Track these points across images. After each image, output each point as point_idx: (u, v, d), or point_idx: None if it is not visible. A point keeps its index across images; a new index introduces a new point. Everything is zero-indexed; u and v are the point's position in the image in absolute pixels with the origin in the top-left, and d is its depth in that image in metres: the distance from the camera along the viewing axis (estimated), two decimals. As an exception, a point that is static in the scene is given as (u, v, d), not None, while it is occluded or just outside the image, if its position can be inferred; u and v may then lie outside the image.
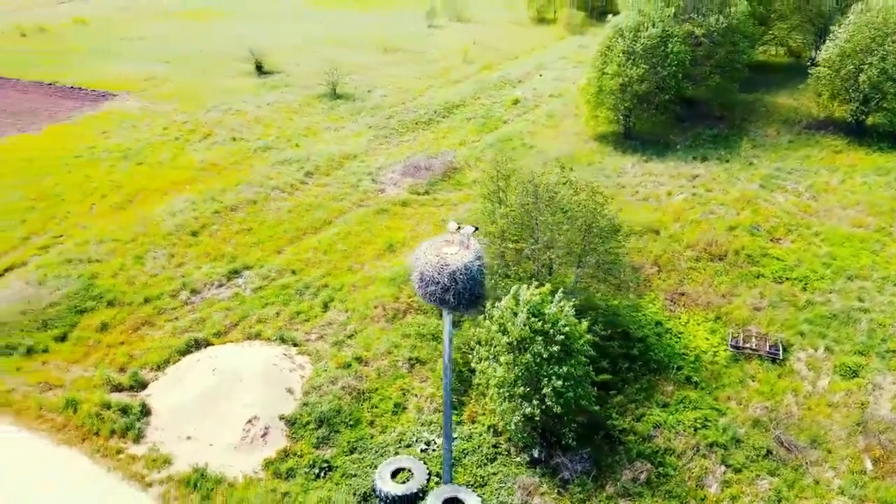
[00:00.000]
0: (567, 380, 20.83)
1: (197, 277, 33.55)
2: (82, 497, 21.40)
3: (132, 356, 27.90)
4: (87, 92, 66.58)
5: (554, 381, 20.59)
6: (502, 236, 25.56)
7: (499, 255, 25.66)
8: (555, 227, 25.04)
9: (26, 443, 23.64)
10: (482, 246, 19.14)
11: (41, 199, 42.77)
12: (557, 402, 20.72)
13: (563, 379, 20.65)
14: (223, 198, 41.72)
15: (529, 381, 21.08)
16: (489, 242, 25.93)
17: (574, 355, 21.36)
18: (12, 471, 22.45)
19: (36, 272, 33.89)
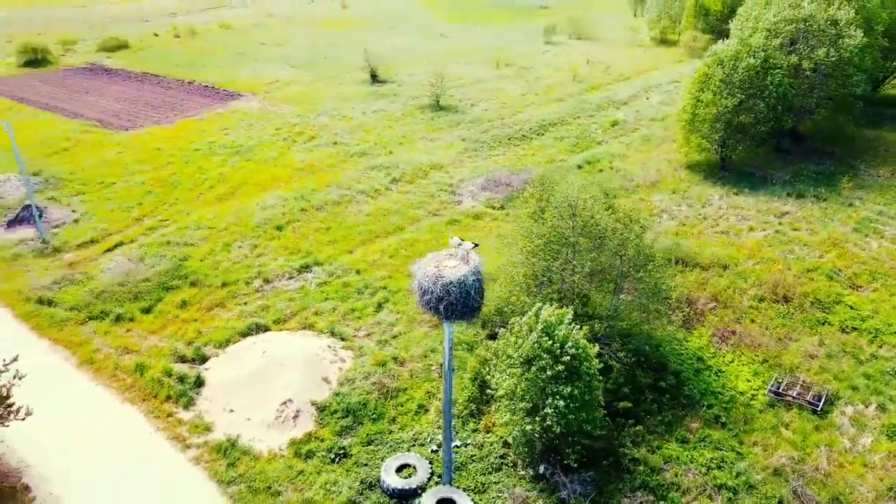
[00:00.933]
0: (571, 401, 21.36)
1: (272, 268, 36.62)
2: (131, 450, 24.45)
3: (201, 332, 31.10)
4: (218, 91, 73.18)
5: (557, 400, 21.21)
6: (536, 256, 26.33)
7: (531, 275, 26.44)
8: (586, 251, 25.49)
9: (98, 397, 27.24)
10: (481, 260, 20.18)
11: (159, 185, 48.05)
12: (558, 422, 21.31)
13: (566, 399, 21.21)
14: (312, 197, 44.96)
15: (533, 398, 21.80)
16: (524, 260, 26.79)
17: (581, 378, 21.84)
18: (82, 419, 25.99)
19: (139, 250, 38.39)
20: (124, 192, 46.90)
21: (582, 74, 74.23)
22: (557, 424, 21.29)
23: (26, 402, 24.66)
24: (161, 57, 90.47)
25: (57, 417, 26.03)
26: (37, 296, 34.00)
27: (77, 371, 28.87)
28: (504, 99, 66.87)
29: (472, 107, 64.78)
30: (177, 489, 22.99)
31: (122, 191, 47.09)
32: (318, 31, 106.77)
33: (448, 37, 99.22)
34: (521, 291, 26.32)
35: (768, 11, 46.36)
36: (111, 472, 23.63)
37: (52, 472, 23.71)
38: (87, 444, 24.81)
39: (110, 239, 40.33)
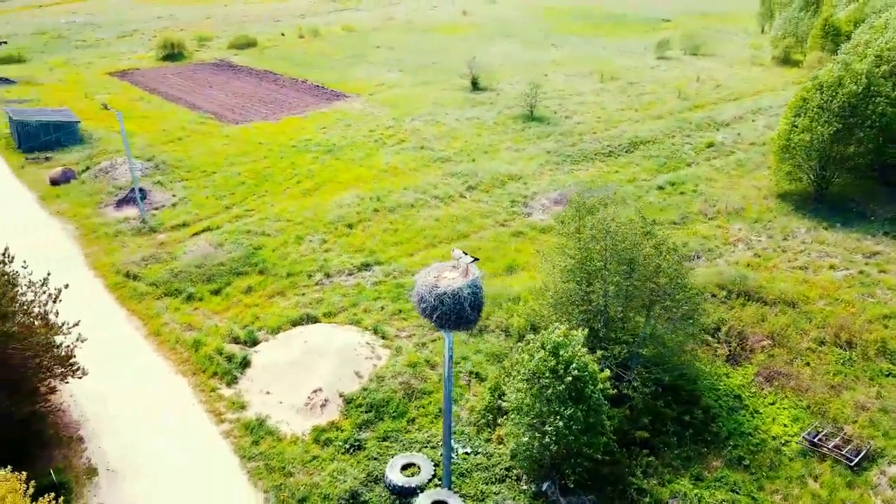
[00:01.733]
0: (571, 422, 21.49)
1: (335, 264, 38.63)
2: (172, 418, 26.95)
3: (258, 318, 33.47)
4: (326, 91, 77.12)
5: (556, 420, 21.42)
6: (566, 276, 26.43)
7: (561, 293, 26.56)
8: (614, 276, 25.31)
9: (155, 366, 30.13)
10: (480, 275, 20.72)
11: (252, 177, 51.65)
12: (556, 442, 21.51)
13: (565, 420, 21.37)
14: (387, 198, 46.80)
15: (536, 414, 22.09)
16: (556, 279, 26.97)
17: (585, 400, 21.88)
18: (137, 384, 28.88)
19: (220, 236, 41.66)
20: (221, 181, 50.81)
21: (688, 92, 71.98)
22: (555, 443, 21.47)
23: (95, 363, 27.94)
24: (283, 56, 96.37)
25: (117, 380, 29.07)
26: (125, 270, 37.83)
27: (144, 341, 32.00)
28: (600, 113, 66.14)
29: (566, 119, 64.57)
30: (204, 459, 25.12)
31: (220, 180, 51.03)
32: (433, 36, 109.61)
33: (559, 47, 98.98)
34: (551, 309, 26.53)
35: (881, 37, 43.31)
36: (152, 436, 26.15)
37: (104, 428, 26.57)
38: (136, 408, 27.55)
39: (199, 224, 43.94)
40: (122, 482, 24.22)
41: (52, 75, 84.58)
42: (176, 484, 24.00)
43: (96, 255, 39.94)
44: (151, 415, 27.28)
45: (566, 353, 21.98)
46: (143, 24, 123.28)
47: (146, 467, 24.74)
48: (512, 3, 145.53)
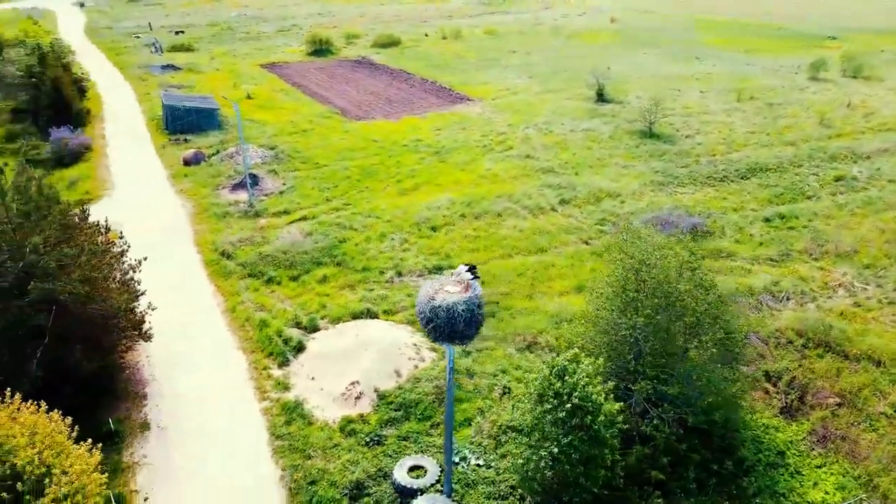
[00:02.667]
0: (568, 450, 21.39)
1: (409, 264, 40.12)
2: (224, 390, 29.62)
3: (324, 307, 35.66)
4: (451, 93, 79.11)
5: (552, 445, 21.43)
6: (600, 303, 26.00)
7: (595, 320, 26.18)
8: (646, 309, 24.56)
9: (222, 339, 33.12)
10: (482, 293, 21.00)
11: (358, 172, 54.47)
12: (551, 468, 21.51)
13: (560, 447, 21.32)
14: (477, 205, 47.66)
15: (535, 436, 22.18)
16: (593, 304, 26.63)
17: (586, 430, 21.65)
18: (203, 354, 31.96)
19: (311, 226, 44.55)
20: (329, 173, 54.07)
21: (832, 118, 66.48)
22: (550, 469, 21.47)
23: (174, 330, 31.45)
24: (420, 56, 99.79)
25: (188, 348, 32.31)
26: (222, 248, 41.60)
27: (220, 315, 35.21)
28: (726, 134, 62.86)
29: (686, 138, 62.04)
30: (240, 431, 27.44)
31: (328, 172, 54.31)
32: (574, 43, 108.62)
33: (702, 60, 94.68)
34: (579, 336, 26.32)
35: None
36: (202, 403, 28.93)
37: (165, 389, 29.74)
38: (196, 375, 30.54)
39: (298, 212, 47.18)
40: (167, 438, 27.09)
41: (211, 64, 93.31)
42: (209, 448, 26.49)
43: (202, 233, 44.16)
44: (207, 383, 30.12)
45: (571, 378, 21.86)
46: (303, 20, 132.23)
47: (189, 429, 27.46)
48: (665, 12, 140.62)
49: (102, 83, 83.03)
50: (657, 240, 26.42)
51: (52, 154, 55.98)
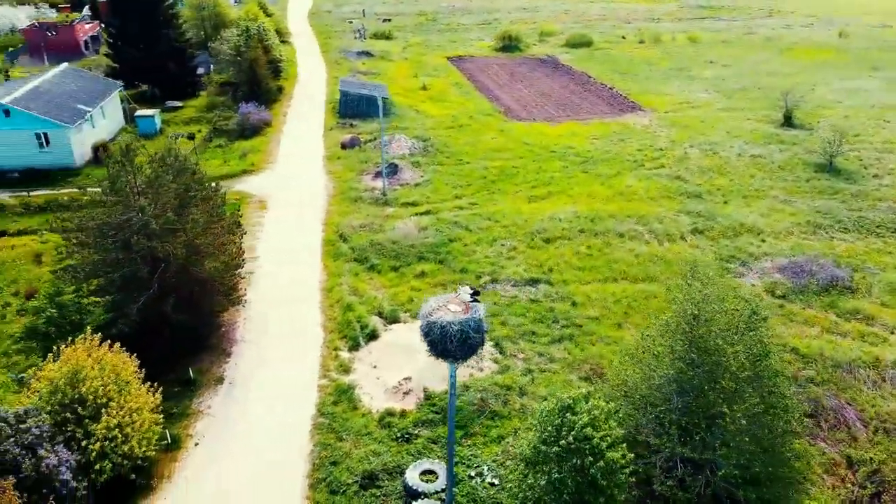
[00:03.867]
0: (562, 488, 21.09)
1: (508, 272, 40.43)
2: (293, 361, 32.51)
3: (410, 300, 37.38)
4: (624, 101, 76.95)
5: (540, 478, 21.26)
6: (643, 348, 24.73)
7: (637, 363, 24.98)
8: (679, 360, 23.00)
9: (312, 316, 36.14)
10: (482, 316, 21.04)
11: (496, 173, 55.37)
12: (535, 501, 21.35)
13: (551, 481, 21.08)
14: (602, 222, 46.49)
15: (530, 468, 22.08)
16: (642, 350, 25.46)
17: (583, 474, 21.12)
18: (290, 326, 35.16)
19: (430, 220, 46.34)
20: (467, 171, 55.60)
21: None
22: (531, 500, 21.34)
23: (275, 299, 35.30)
24: (608, 59, 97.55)
25: (280, 316, 35.76)
26: (342, 231, 44.92)
27: (317, 292, 38.38)
28: (927, 178, 54.77)
29: (873, 178, 55.02)
30: (293, 402, 30.05)
31: (467, 170, 55.86)
32: (783, 57, 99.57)
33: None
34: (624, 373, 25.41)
35: None
36: (274, 369, 32.10)
37: (249, 351, 33.32)
38: (278, 344, 33.81)
39: (424, 206, 49.26)
40: (232, 395, 30.52)
41: (402, 54, 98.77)
42: (262, 412, 29.43)
43: (333, 213, 47.92)
44: (283, 352, 33.25)
45: (573, 417, 21.43)
46: (505, 14, 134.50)
47: (252, 391, 30.67)
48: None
49: (303, 65, 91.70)
50: (720, 290, 24.57)
51: (236, 126, 63.40)
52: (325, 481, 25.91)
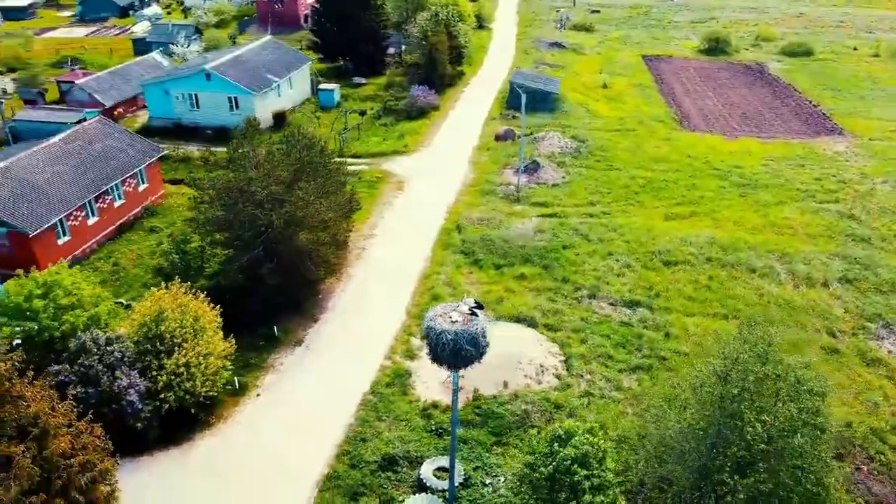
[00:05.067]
0: (533, 516, 21.07)
1: (610, 290, 39.16)
2: (367, 338, 34.65)
3: (500, 300, 37.75)
4: (825, 122, 70.00)
5: (518, 498, 21.32)
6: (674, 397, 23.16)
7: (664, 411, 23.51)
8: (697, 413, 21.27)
9: (401, 298, 38.03)
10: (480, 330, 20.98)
11: (643, 185, 53.24)
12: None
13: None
14: (736, 253, 43.01)
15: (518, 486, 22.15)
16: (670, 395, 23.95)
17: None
18: (384, 303, 37.38)
19: (551, 224, 46.00)
20: (613, 178, 54.01)
21: None
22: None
23: (381, 275, 38.87)
24: (825, 73, 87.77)
25: (377, 293, 38.13)
26: (460, 222, 46.20)
27: (415, 278, 40.17)
28: None
29: None
30: (353, 377, 32.17)
31: (613, 177, 54.25)
32: None
33: None
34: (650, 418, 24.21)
35: None
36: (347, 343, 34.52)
37: (336, 319, 36.09)
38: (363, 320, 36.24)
39: (553, 208, 48.91)
40: (305, 357, 33.46)
41: (595, 48, 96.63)
42: (323, 380, 31.97)
43: (459, 204, 49.36)
44: (363, 328, 35.59)
45: (559, 449, 21.13)
46: (727, 14, 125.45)
47: (323, 357, 33.35)
48: None
49: (493, 51, 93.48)
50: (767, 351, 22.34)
51: (404, 107, 66.90)
52: (349, 454, 27.77)
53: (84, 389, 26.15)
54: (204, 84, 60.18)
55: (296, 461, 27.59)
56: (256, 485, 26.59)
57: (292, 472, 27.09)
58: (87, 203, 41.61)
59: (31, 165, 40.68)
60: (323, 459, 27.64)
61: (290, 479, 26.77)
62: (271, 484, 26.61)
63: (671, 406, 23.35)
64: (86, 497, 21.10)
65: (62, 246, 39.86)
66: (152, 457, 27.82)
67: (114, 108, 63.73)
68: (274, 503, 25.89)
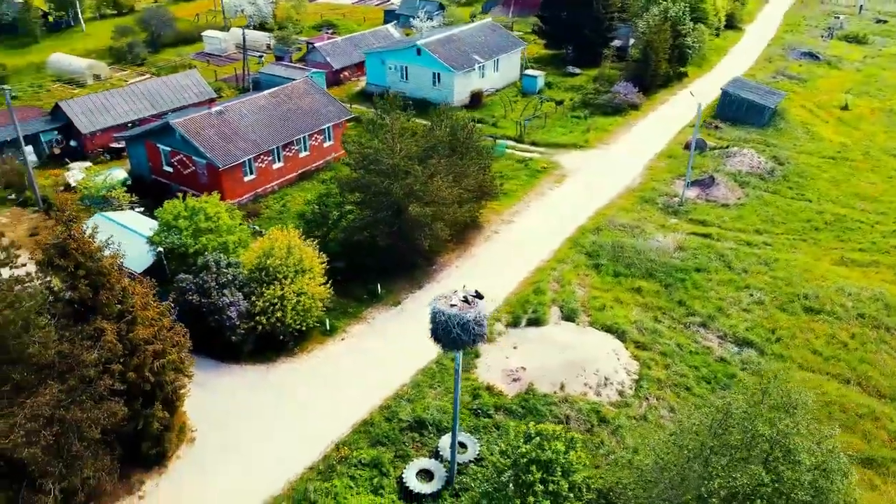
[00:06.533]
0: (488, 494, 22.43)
1: (725, 323, 36.85)
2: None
3: (602, 308, 37.68)
4: None
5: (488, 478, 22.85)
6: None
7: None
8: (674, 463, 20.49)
9: (507, 286, 39.71)
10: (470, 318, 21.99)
11: (830, 221, 48.26)
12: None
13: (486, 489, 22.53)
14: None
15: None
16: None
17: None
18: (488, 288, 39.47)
19: (697, 243, 43.86)
20: (797, 208, 49.25)
21: None
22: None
23: (500, 258, 40.71)
24: None
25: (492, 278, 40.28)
26: (597, 225, 45.97)
27: (531, 269, 41.42)
28: None
29: None
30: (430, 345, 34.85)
31: (798, 207, 49.44)
32: None
33: None
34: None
35: None
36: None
37: (435, 292, 39.00)
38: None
39: (709, 228, 46.34)
40: (399, 317, 36.96)
41: (860, 62, 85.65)
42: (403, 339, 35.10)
43: (612, 206, 48.90)
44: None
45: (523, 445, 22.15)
46: None
47: (412, 321, 36.41)
48: None
49: (733, 55, 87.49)
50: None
51: (603, 102, 66.53)
52: (389, 409, 30.73)
53: (199, 299, 32.25)
54: (414, 58, 65.70)
55: (347, 401, 31.21)
56: (309, 409, 30.81)
57: (340, 408, 30.74)
58: (275, 150, 48.87)
59: (240, 112, 48.83)
60: (367, 407, 30.93)
61: (334, 413, 30.46)
62: (319, 413, 30.55)
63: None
64: (155, 378, 26.70)
65: (247, 182, 47.58)
66: (241, 367, 33.36)
67: (340, 71, 72.19)
68: (312, 427, 29.73)
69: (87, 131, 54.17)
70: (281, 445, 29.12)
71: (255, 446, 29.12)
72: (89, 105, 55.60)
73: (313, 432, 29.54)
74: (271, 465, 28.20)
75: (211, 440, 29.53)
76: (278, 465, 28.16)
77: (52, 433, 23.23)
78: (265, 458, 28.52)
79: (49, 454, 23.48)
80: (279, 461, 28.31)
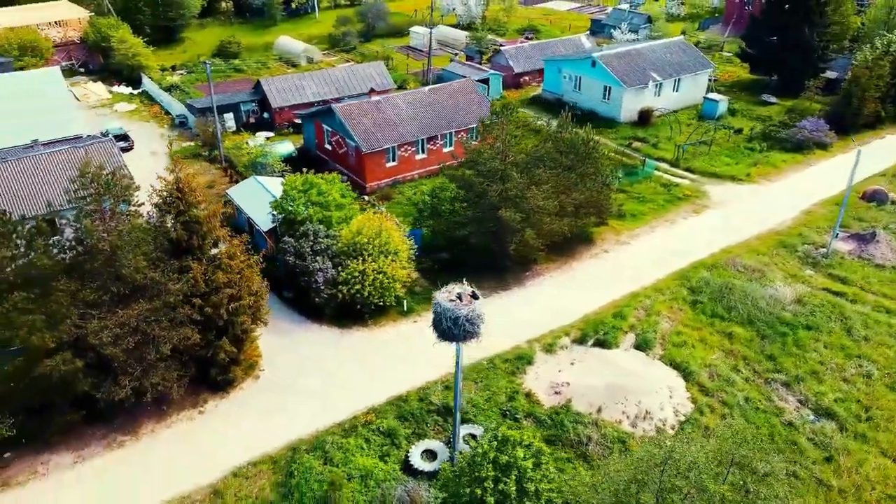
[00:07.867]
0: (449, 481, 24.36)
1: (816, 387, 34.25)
2: (525, 326, 38.43)
3: (682, 344, 36.92)
4: None
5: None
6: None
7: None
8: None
9: (577, 311, 40.22)
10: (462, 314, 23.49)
11: None
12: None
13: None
14: None
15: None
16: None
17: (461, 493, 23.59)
18: (551, 301, 40.40)
19: (830, 301, 40.49)
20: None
21: None
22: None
23: (593, 271, 41.29)
24: None
25: (576, 284, 41.09)
26: (718, 261, 44.11)
27: (624, 293, 41.30)
28: None
29: None
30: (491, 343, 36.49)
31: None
32: None
33: None
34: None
35: None
36: (511, 317, 38.83)
37: (517, 298, 40.60)
38: (540, 299, 39.84)
39: (850, 288, 41.93)
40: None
41: None
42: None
43: (742, 246, 46.31)
44: (532, 312, 39.27)
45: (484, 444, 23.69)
46: None
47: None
48: None
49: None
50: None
51: (786, 136, 61.87)
52: (425, 390, 33.30)
53: (294, 260, 37.27)
54: (589, 69, 66.47)
55: (396, 375, 34.38)
56: (361, 375, 34.53)
57: (387, 380, 34.05)
58: (420, 141, 53.10)
59: (395, 104, 53.73)
60: (408, 386, 33.79)
61: (379, 384, 33.79)
62: (367, 380, 34.08)
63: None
64: (228, 317, 31.88)
65: (388, 168, 52.41)
66: (320, 327, 37.97)
67: (521, 75, 74.95)
68: (357, 391, 33.33)
69: (277, 106, 62.65)
70: (326, 400, 33.08)
71: (306, 396, 33.41)
72: (284, 84, 64.19)
73: (355, 395, 33.11)
74: (312, 413, 32.28)
75: (273, 381, 34.37)
76: (317, 415, 32.17)
77: (133, 341, 29.15)
78: (310, 408, 32.67)
79: (130, 357, 29.46)
80: (320, 411, 32.33)
